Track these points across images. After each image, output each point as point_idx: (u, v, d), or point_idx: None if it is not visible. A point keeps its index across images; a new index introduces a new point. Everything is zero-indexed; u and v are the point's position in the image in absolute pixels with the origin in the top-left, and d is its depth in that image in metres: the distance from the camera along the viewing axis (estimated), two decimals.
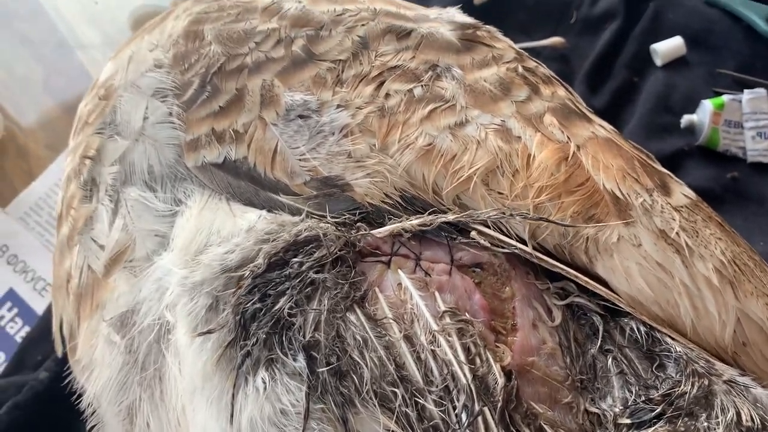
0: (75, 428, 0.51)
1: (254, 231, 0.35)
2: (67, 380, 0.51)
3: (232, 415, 0.31)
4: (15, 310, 0.61)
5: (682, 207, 0.38)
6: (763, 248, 0.54)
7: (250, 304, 0.32)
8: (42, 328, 0.58)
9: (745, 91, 0.67)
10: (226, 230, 0.36)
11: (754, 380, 0.34)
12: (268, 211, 0.36)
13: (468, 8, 0.62)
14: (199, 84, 0.40)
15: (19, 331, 0.60)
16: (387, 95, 0.38)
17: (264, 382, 0.31)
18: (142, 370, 0.36)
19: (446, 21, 0.42)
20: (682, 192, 0.39)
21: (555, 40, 0.70)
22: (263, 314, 0.32)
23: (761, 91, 0.67)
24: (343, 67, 0.39)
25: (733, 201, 0.51)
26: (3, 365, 0.58)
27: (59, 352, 0.46)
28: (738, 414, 0.32)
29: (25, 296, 0.61)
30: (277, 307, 0.32)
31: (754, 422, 0.32)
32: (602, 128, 0.40)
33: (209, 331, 0.32)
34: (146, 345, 0.36)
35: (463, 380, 0.30)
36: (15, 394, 0.53)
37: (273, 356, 0.31)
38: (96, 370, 0.38)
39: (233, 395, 0.31)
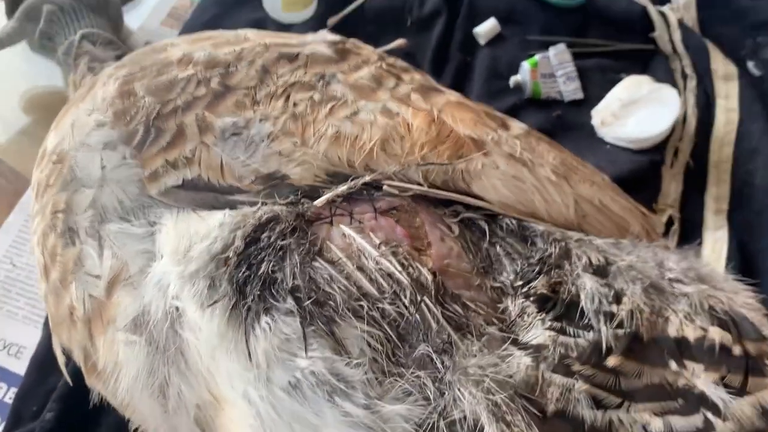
0: None
1: (225, 224, 0.41)
2: (74, 412, 0.56)
3: (249, 355, 0.37)
4: None
5: (519, 135, 0.50)
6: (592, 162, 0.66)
7: (240, 274, 0.39)
8: (30, 384, 0.60)
9: (550, 48, 0.78)
10: (202, 231, 0.41)
11: (594, 236, 0.45)
12: (230, 209, 0.42)
13: (323, 27, 0.73)
14: (144, 130, 0.45)
15: (5, 395, 0.61)
16: (294, 104, 0.46)
17: (268, 324, 0.37)
18: (165, 352, 0.40)
19: (321, 41, 0.52)
20: (517, 125, 0.51)
21: (399, 42, 0.76)
22: (252, 279, 0.39)
23: (561, 46, 0.78)
24: (255, 91, 0.47)
25: (561, 133, 0.58)
26: (1, 425, 0.59)
27: (70, 381, 0.52)
28: (588, 258, 0.42)
29: (2, 363, 0.62)
30: (261, 271, 0.39)
31: (600, 261, 0.42)
32: (452, 95, 0.52)
33: (215, 302, 0.38)
34: (163, 332, 0.41)
35: (405, 282, 0.39)
36: None
37: (268, 306, 0.38)
38: (123, 369, 0.42)
39: (246, 341, 0.37)
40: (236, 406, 0.39)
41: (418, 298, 0.39)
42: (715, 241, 0.64)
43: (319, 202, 0.43)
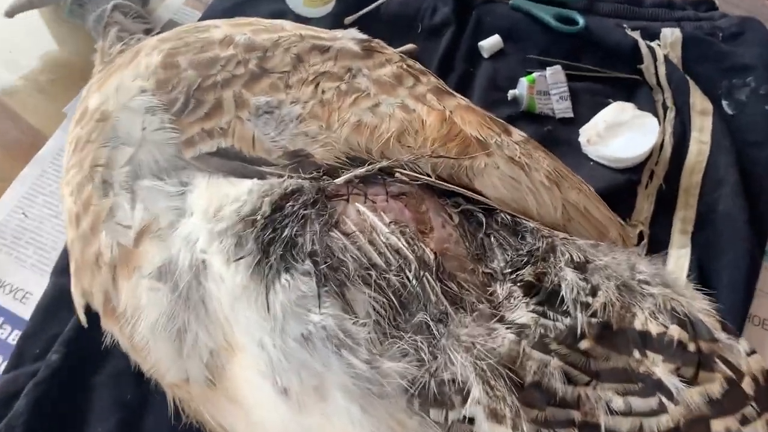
0: (93, 399, 0.57)
1: (254, 191, 0.43)
2: (78, 357, 0.57)
3: (268, 307, 0.39)
4: (1, 319, 0.63)
5: (519, 141, 0.53)
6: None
7: (266, 236, 0.41)
8: (35, 327, 0.61)
9: (547, 68, 0.81)
10: (233, 194, 0.43)
11: (577, 238, 0.47)
12: (258, 179, 0.44)
13: (341, 26, 0.76)
14: (184, 99, 0.48)
15: (9, 335, 0.62)
16: (323, 91, 0.49)
17: (287, 281, 0.39)
18: (187, 300, 0.42)
19: (350, 38, 0.55)
20: (518, 133, 0.55)
21: (409, 46, 0.79)
22: (276, 241, 0.41)
23: (557, 67, 0.81)
24: (288, 76, 0.49)
25: (550, 147, 0.58)
26: (2, 365, 0.60)
27: (85, 323, 0.53)
28: (570, 255, 0.44)
29: (7, 306, 0.63)
30: (284, 234, 0.41)
31: (580, 258, 0.44)
32: (462, 99, 0.55)
33: (241, 258, 0.41)
34: (187, 282, 0.42)
35: (411, 257, 0.41)
36: (26, 381, 0.57)
37: (288, 265, 0.40)
38: (144, 312, 0.43)
39: (266, 294, 0.40)
40: (250, 352, 0.41)
41: (421, 273, 0.42)
42: (679, 257, 0.68)
43: (338, 180, 0.45)
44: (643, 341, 0.40)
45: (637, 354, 0.40)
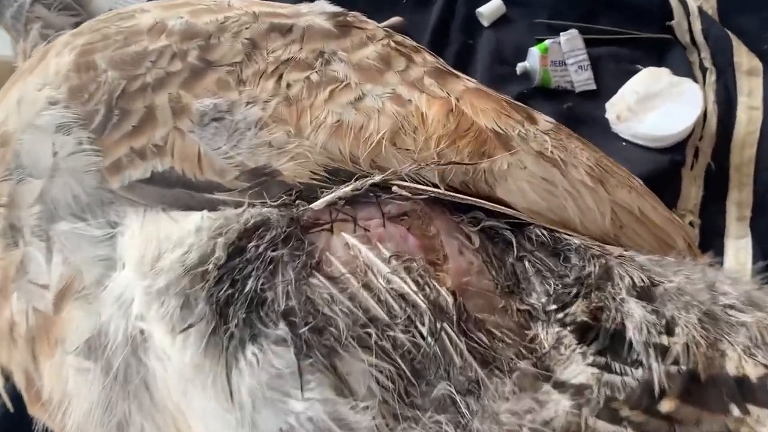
0: None
1: (203, 229, 0.37)
2: None
3: (231, 393, 0.33)
4: None
5: (548, 131, 0.45)
6: None
7: (221, 292, 0.35)
8: None
9: (561, 33, 0.76)
10: (174, 236, 0.37)
11: (635, 251, 0.41)
12: (209, 210, 0.38)
13: None
14: (105, 110, 0.41)
15: None
16: (288, 85, 0.42)
17: (254, 355, 0.33)
18: (125, 384, 0.37)
19: (318, 12, 0.47)
20: (544, 119, 0.47)
21: (395, 19, 0.75)
22: (236, 298, 0.35)
23: (573, 32, 0.76)
24: (241, 68, 0.42)
25: (571, 125, 0.56)
26: None
27: (10, 407, 0.46)
28: (632, 279, 0.38)
29: None
30: (247, 289, 0.35)
31: (644, 282, 0.38)
32: (469, 81, 0.47)
33: (189, 326, 0.34)
34: (123, 360, 0.37)
35: (422, 305, 0.35)
36: None
37: (256, 332, 0.34)
38: (73, 400, 0.38)
39: (228, 375, 0.34)
40: None
41: (438, 326, 0.35)
42: (738, 250, 0.63)
43: (317, 204, 0.39)
44: (741, 391, 0.35)
45: (735, 411, 0.35)
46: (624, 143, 0.71)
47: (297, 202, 0.39)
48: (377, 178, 0.39)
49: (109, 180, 0.40)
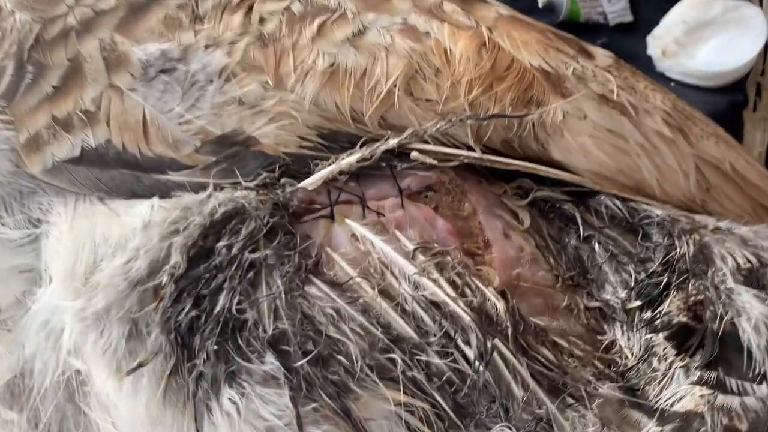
0: None
1: (153, 225, 0.31)
2: None
3: None
4: None
5: (610, 67, 0.38)
6: None
7: (182, 314, 0.29)
8: None
9: None
10: (114, 236, 0.32)
11: (730, 221, 0.35)
12: (161, 197, 0.33)
13: None
14: (16, 66, 0.35)
15: None
16: (261, 20, 0.36)
17: (233, 402, 0.28)
18: None
19: None
20: (602, 53, 0.39)
21: None
22: (204, 321, 0.29)
23: None
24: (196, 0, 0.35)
25: None
26: None
27: None
28: (735, 261, 0.33)
29: None
30: (218, 308, 0.29)
31: (751, 262, 0.33)
32: (502, 7, 0.40)
33: (140, 365, 0.29)
34: (55, 409, 0.32)
35: (465, 316, 0.29)
36: None
37: (234, 367, 0.28)
38: None
39: (197, 430, 0.28)
40: None
41: (488, 344, 0.29)
42: None
43: (310, 182, 0.33)
44: None
45: None
46: (672, 84, 0.65)
47: (282, 180, 0.33)
48: (391, 142, 0.33)
49: (27, 162, 0.34)
